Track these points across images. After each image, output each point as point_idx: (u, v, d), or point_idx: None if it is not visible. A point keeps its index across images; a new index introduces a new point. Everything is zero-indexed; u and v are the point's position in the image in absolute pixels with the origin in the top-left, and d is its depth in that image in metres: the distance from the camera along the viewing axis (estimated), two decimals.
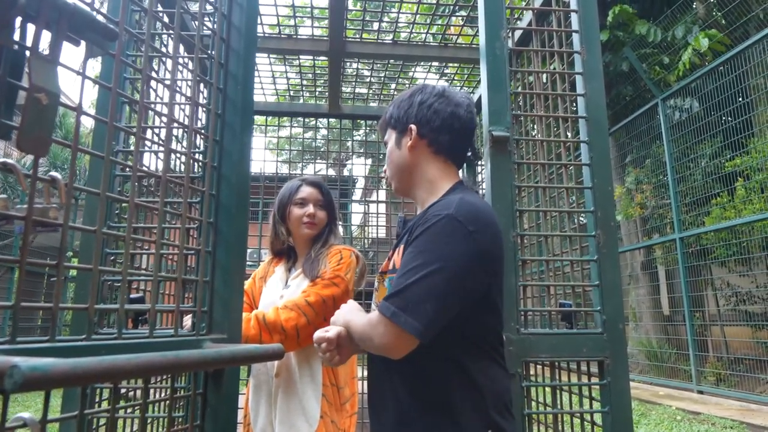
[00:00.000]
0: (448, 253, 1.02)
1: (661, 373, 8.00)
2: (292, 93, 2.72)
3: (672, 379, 7.67)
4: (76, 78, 0.75)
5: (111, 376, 0.63)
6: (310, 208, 1.78)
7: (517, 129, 1.33)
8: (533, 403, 1.51)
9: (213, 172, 1.07)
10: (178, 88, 1.10)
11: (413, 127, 1.24)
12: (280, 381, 1.63)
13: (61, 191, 0.76)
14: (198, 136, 1.23)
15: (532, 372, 1.47)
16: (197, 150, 1.19)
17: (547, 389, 1.47)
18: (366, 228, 3.99)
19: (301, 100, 2.83)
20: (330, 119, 2.69)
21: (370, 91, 2.97)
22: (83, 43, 0.75)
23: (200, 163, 1.05)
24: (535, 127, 1.47)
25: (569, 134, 1.42)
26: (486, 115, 1.32)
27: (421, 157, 1.25)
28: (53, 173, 0.76)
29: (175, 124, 1.29)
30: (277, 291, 1.77)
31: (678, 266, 7.38)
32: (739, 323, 7.21)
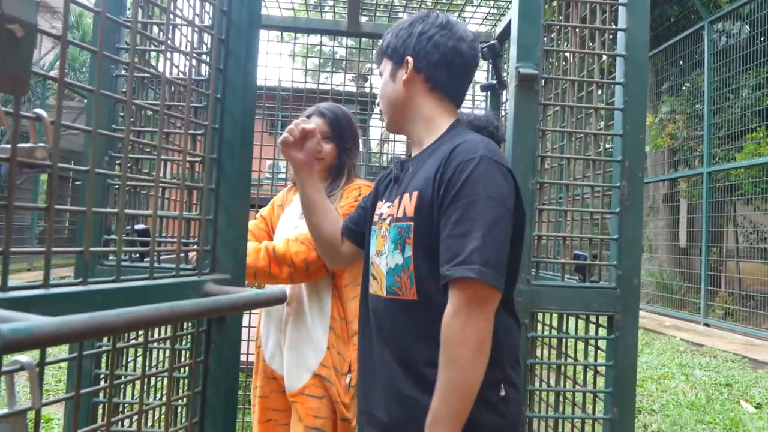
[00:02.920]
0: (499, 195, 0.99)
1: (670, 304, 8.10)
2: (309, 6, 2.54)
3: (680, 310, 7.78)
4: None
5: (99, 334, 0.61)
6: None
7: (547, 66, 1.21)
8: (538, 348, 1.52)
9: (216, 103, 1.00)
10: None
11: (410, 59, 1.16)
12: (291, 310, 1.65)
13: (47, 129, 0.71)
14: (201, 64, 1.16)
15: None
16: (200, 78, 1.12)
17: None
18: (385, 145, 3.92)
19: (320, 15, 2.65)
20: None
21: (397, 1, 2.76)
22: None
23: (203, 95, 0.99)
24: (568, 62, 1.35)
25: (604, 74, 1.30)
26: (514, 48, 1.20)
27: (417, 93, 1.18)
28: (38, 110, 0.71)
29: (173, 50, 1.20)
30: (292, 221, 1.74)
31: (702, 200, 7.22)
32: (756, 260, 7.15)
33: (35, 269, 8.81)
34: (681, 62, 8.20)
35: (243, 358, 2.52)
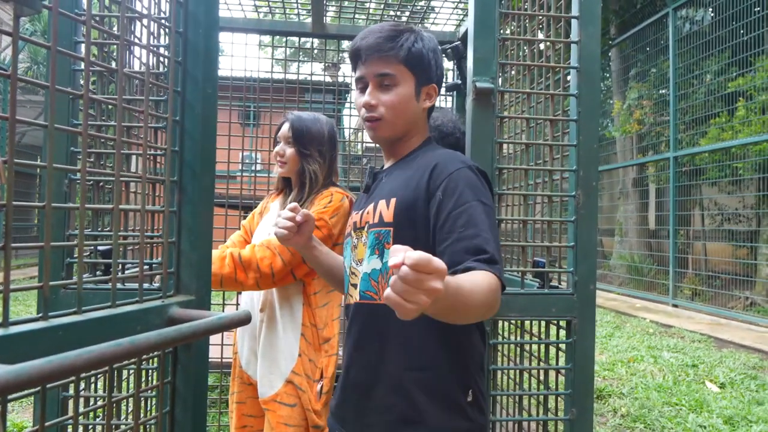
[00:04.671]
0: (489, 200, 1.06)
1: (640, 287, 8.32)
2: (271, 5, 2.51)
3: (650, 292, 8.00)
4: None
5: (60, 377, 0.62)
6: (279, 146, 1.73)
7: (504, 79, 1.24)
8: (500, 347, 1.56)
9: (175, 126, 1.01)
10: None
11: (436, 88, 1.21)
12: (264, 316, 1.66)
13: None
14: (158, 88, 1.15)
15: None
16: (158, 98, 1.11)
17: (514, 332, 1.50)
18: (359, 134, 3.94)
19: (285, 17, 2.63)
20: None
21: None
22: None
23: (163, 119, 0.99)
24: (521, 74, 1.38)
25: (559, 86, 1.33)
26: (470, 62, 1.23)
27: (423, 116, 1.24)
28: None
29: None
30: (267, 228, 1.75)
31: (669, 184, 7.42)
32: (721, 241, 7.39)
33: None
34: (648, 48, 8.35)
35: (218, 360, 2.53)
